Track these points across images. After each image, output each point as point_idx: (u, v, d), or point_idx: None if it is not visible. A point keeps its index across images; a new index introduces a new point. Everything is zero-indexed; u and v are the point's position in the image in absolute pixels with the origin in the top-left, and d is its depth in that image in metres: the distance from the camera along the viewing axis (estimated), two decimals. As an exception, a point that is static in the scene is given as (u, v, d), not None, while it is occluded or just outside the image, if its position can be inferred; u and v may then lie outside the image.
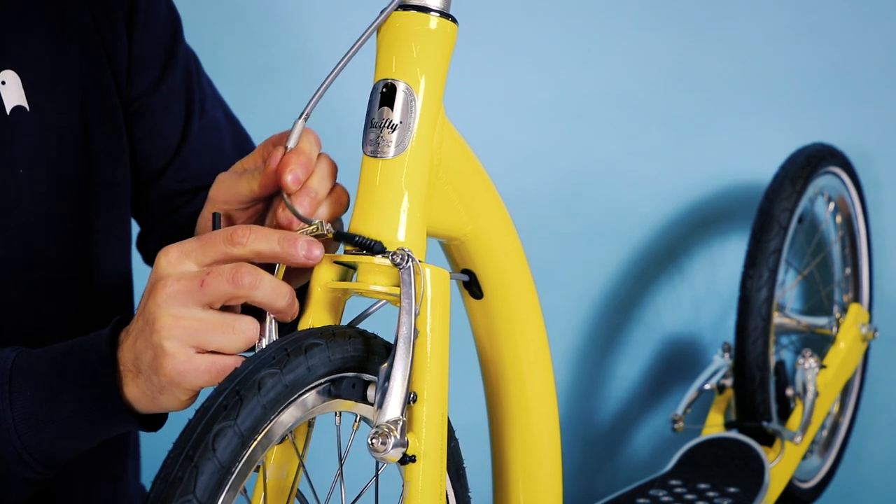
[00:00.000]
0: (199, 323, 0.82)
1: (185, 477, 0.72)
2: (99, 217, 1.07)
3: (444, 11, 0.89)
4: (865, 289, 2.02)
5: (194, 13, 1.78)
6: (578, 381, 2.01)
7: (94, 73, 1.06)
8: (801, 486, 1.89)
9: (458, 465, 0.95)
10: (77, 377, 0.88)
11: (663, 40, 1.93)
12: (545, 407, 1.14)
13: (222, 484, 0.73)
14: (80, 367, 0.88)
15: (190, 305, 0.82)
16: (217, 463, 0.72)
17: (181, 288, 0.82)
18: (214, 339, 0.82)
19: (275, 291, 0.83)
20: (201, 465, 0.72)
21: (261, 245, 0.83)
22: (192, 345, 0.82)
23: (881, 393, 2.06)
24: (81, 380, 0.87)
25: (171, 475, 0.72)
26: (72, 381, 0.88)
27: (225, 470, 0.73)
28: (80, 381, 0.87)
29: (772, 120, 1.97)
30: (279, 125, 0.97)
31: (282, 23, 1.80)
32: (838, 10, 1.96)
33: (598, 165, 1.94)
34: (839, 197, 1.94)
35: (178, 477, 0.72)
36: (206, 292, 0.82)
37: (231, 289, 0.82)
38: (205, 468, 0.72)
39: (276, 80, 1.80)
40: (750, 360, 1.70)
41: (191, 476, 0.72)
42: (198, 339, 0.82)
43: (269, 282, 0.83)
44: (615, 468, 2.05)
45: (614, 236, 1.97)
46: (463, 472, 0.97)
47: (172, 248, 0.84)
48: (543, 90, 1.89)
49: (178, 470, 0.72)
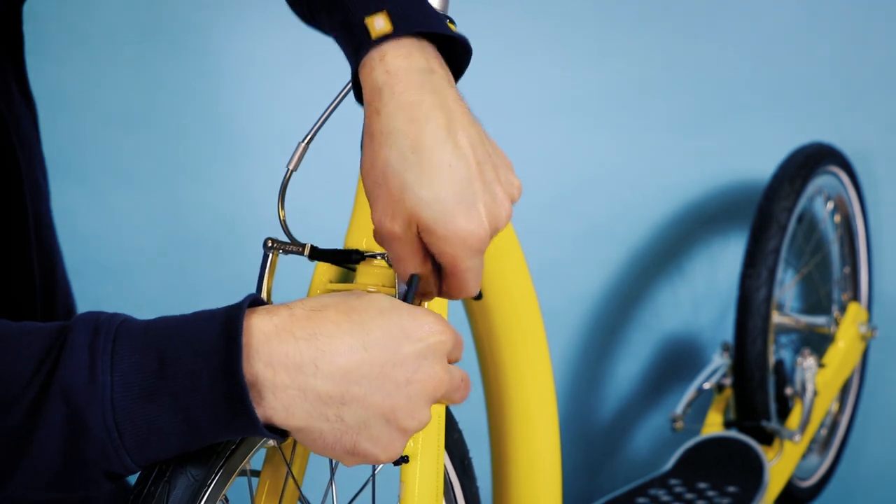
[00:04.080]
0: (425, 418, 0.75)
1: (158, 493, 0.72)
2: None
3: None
4: (864, 288, 2.02)
5: (197, 11, 1.79)
6: (578, 380, 2.01)
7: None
8: (801, 484, 1.89)
9: (462, 455, 0.95)
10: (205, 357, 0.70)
11: (663, 40, 1.93)
12: (545, 406, 1.14)
13: (198, 496, 0.73)
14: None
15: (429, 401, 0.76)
16: (190, 478, 0.72)
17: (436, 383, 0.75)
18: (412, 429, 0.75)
19: None
20: (174, 479, 0.72)
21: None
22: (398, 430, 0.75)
23: (880, 391, 2.06)
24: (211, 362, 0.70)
25: (143, 492, 0.72)
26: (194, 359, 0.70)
27: (199, 483, 0.72)
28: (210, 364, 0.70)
29: (771, 119, 1.98)
30: (280, 129, 0.97)
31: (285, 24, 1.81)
32: (838, 10, 1.97)
33: (598, 165, 1.94)
34: (838, 196, 1.94)
35: (151, 492, 0.72)
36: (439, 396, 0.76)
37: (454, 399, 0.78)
38: (178, 482, 0.72)
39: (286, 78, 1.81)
40: (749, 359, 1.71)
41: (163, 491, 0.72)
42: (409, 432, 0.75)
43: None
44: (615, 467, 2.05)
45: (614, 236, 1.98)
46: (469, 462, 0.96)
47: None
48: (543, 90, 1.90)
49: (151, 486, 0.72)
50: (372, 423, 0.71)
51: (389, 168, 0.75)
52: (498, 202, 0.77)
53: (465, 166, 0.75)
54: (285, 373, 0.69)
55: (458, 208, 0.75)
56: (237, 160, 1.82)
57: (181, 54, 1.79)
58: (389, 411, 0.71)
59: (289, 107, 1.79)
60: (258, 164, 1.81)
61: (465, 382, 0.77)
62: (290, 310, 0.71)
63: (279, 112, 1.80)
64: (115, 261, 1.82)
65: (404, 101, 0.76)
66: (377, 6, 0.78)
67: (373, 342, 0.71)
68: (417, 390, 0.72)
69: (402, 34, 0.77)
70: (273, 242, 0.85)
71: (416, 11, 0.79)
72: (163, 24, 1.78)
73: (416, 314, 0.74)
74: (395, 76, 0.76)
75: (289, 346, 0.69)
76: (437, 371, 0.73)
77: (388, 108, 0.76)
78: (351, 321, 0.71)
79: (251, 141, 1.82)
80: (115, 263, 1.82)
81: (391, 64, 0.77)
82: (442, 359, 0.74)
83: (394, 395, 0.71)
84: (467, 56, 0.82)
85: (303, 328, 0.70)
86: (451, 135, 0.76)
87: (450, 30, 0.80)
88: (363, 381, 0.70)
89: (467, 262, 0.77)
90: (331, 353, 0.70)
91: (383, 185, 0.76)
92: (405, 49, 0.77)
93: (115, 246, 1.82)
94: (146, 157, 1.81)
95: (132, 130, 1.79)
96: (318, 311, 0.72)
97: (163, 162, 1.82)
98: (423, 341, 0.73)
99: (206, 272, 1.84)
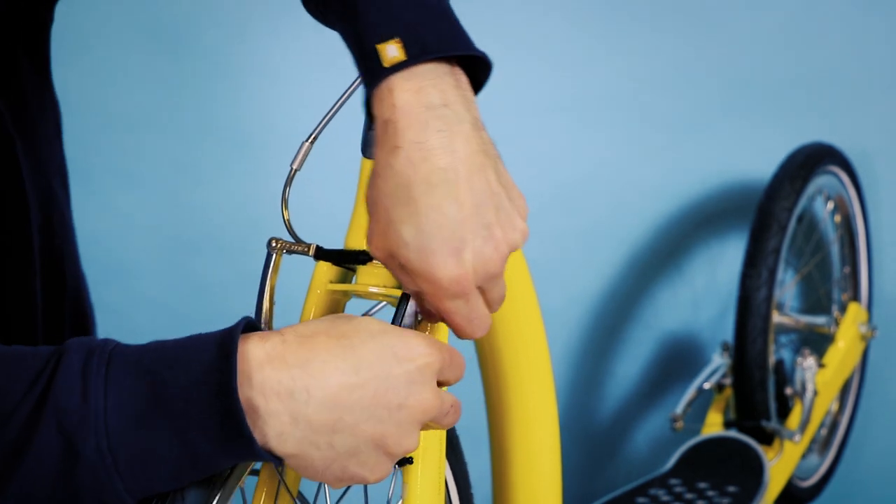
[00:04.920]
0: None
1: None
2: None
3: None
4: (864, 288, 2.02)
5: (199, 13, 1.79)
6: (578, 380, 2.01)
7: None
8: (801, 484, 1.89)
9: (450, 435, 0.95)
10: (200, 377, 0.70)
11: (663, 41, 1.93)
12: (545, 406, 1.14)
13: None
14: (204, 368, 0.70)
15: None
16: None
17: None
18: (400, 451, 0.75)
19: None
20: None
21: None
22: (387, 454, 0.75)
23: (880, 391, 2.06)
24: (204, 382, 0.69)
25: None
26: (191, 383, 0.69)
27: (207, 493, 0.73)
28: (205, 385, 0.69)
29: (771, 120, 1.98)
30: (282, 129, 0.97)
31: (290, 27, 1.81)
32: (838, 10, 1.97)
33: (597, 165, 1.94)
34: (838, 196, 1.94)
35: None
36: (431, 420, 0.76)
37: (444, 423, 0.78)
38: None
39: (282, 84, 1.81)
40: (749, 359, 1.71)
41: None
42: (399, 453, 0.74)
43: None
44: (615, 467, 2.05)
45: (614, 236, 1.98)
46: (456, 441, 0.98)
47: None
48: (543, 90, 1.90)
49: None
50: (362, 450, 0.71)
51: (381, 201, 0.75)
52: (493, 246, 0.75)
53: (456, 210, 0.74)
54: (278, 400, 0.69)
55: (439, 251, 0.74)
56: (241, 161, 1.82)
57: (184, 57, 1.79)
58: (379, 438, 0.71)
59: (292, 108, 1.79)
60: (261, 165, 1.81)
61: (455, 408, 0.77)
62: (282, 336, 0.71)
63: (283, 113, 1.80)
64: (119, 262, 1.82)
65: (408, 140, 0.74)
66: (391, 31, 0.76)
67: (365, 366, 0.71)
68: (406, 416, 0.72)
69: (416, 63, 0.76)
70: (277, 242, 0.84)
71: (433, 33, 0.77)
72: (167, 28, 1.78)
73: (405, 336, 0.73)
74: (401, 111, 0.75)
75: (282, 373, 0.69)
76: (428, 396, 0.73)
77: (389, 144, 0.75)
78: (342, 346, 0.71)
79: (254, 142, 1.82)
80: (119, 264, 1.82)
81: (398, 98, 0.75)
82: (431, 381, 0.74)
83: (385, 421, 0.71)
84: (487, 71, 0.81)
85: (295, 354, 0.70)
86: (446, 177, 0.74)
87: (469, 48, 0.78)
88: (355, 409, 0.70)
89: (448, 304, 0.76)
90: (323, 379, 0.70)
91: (373, 214, 0.77)
92: (416, 82, 0.76)
93: (119, 247, 1.82)
94: (150, 158, 1.81)
95: (136, 132, 1.80)
96: (309, 337, 0.71)
97: (166, 163, 1.82)
98: (413, 362, 0.72)
99: (210, 273, 1.84)
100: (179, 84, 1.79)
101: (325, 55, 1.80)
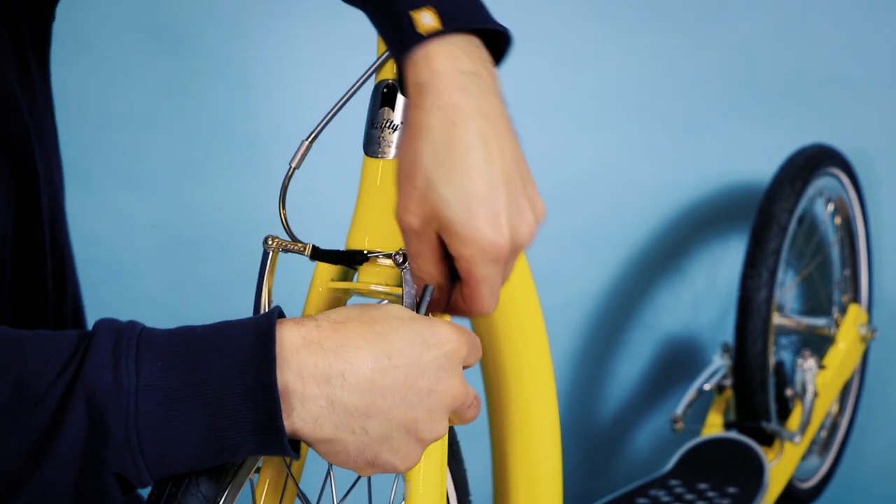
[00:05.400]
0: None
1: None
2: None
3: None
4: (864, 289, 2.02)
5: (199, 13, 1.79)
6: (578, 381, 2.01)
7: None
8: (801, 485, 1.89)
9: (451, 440, 0.95)
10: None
11: (663, 41, 1.93)
12: (545, 407, 1.14)
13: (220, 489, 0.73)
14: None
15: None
16: (200, 497, 0.72)
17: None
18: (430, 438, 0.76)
19: None
20: (186, 499, 0.72)
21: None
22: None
23: (880, 393, 2.06)
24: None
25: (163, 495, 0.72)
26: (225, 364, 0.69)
27: (210, 502, 0.73)
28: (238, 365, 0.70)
29: (771, 120, 1.98)
30: (282, 130, 0.96)
31: (292, 27, 1.81)
32: (838, 10, 1.97)
33: (597, 165, 1.94)
34: (838, 198, 1.94)
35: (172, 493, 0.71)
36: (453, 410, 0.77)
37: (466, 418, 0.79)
38: (189, 502, 0.72)
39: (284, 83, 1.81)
40: (749, 360, 1.71)
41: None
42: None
43: None
44: (615, 468, 2.05)
45: (614, 236, 1.98)
46: (457, 447, 0.98)
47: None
48: (543, 90, 1.90)
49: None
50: (394, 436, 0.72)
51: (419, 162, 0.76)
52: (523, 217, 0.77)
53: (493, 173, 0.75)
54: (315, 384, 0.70)
55: (479, 211, 0.75)
56: (241, 161, 1.82)
57: (184, 57, 1.78)
58: (411, 423, 0.72)
59: (293, 107, 1.79)
60: (262, 165, 1.81)
61: (477, 402, 0.78)
62: (316, 322, 0.72)
63: (283, 113, 1.80)
64: (119, 262, 1.82)
65: (445, 101, 0.76)
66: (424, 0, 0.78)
67: (396, 352, 0.72)
68: (437, 401, 0.73)
69: (451, 32, 0.77)
70: (273, 240, 0.84)
71: (464, 5, 0.79)
72: (167, 28, 1.78)
73: (432, 322, 0.75)
74: (439, 76, 0.76)
75: (318, 357, 0.70)
76: (456, 382, 0.74)
77: (427, 104, 0.76)
78: (374, 332, 0.72)
79: (255, 142, 1.81)
80: (119, 264, 1.82)
81: (436, 63, 0.77)
82: (458, 367, 0.75)
83: (416, 406, 0.72)
84: (508, 45, 0.83)
85: (330, 339, 0.71)
86: (484, 141, 0.76)
87: (495, 23, 0.80)
88: (388, 394, 0.71)
89: (483, 269, 0.76)
90: (357, 364, 0.71)
91: (410, 178, 0.77)
92: (452, 49, 0.77)
93: (119, 247, 1.82)
94: (150, 158, 1.81)
95: (136, 132, 1.79)
96: (342, 323, 0.72)
97: (166, 163, 1.82)
98: (440, 348, 0.74)
99: (210, 273, 1.84)
100: (180, 84, 1.79)
101: (325, 55, 1.80)
